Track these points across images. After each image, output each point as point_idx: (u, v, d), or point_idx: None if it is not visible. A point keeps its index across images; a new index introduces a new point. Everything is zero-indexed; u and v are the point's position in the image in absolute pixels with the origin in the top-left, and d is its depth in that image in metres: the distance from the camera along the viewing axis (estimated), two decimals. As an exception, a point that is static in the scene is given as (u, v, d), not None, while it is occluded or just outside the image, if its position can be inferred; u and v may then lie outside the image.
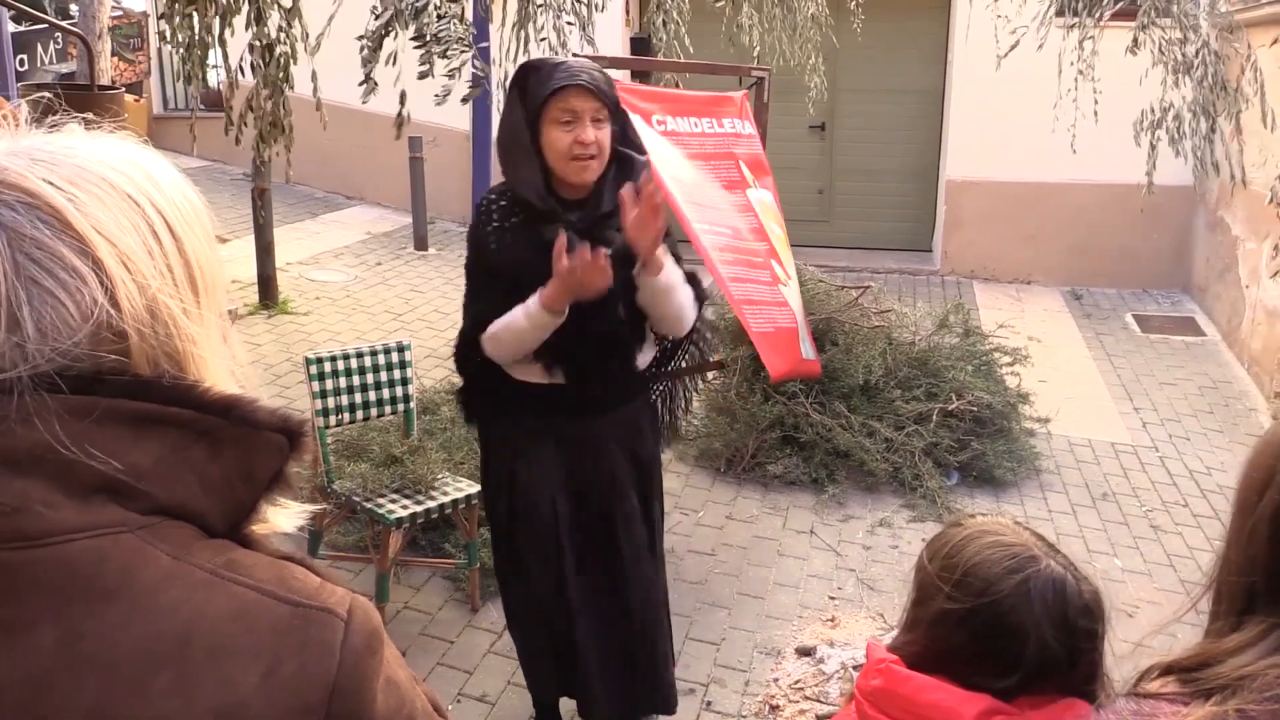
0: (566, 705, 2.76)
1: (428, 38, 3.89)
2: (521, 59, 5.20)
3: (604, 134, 2.27)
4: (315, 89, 4.31)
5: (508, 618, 2.73)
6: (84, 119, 0.77)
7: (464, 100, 4.31)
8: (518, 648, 2.71)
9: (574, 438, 2.45)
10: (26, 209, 0.67)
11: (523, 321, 2.26)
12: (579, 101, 2.22)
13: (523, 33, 5.18)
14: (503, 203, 2.38)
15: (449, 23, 3.93)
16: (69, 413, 0.66)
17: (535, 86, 2.26)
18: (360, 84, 3.94)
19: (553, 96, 2.22)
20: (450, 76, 3.93)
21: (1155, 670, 0.96)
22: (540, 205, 2.31)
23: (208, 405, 0.72)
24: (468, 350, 2.42)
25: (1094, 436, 5.42)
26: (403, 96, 3.99)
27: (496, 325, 2.31)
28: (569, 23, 5.28)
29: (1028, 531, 1.33)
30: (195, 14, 3.99)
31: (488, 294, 2.36)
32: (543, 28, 5.21)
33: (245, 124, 4.33)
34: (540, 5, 5.10)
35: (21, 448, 0.65)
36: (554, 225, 2.28)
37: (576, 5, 5.14)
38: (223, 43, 4.22)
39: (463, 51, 3.95)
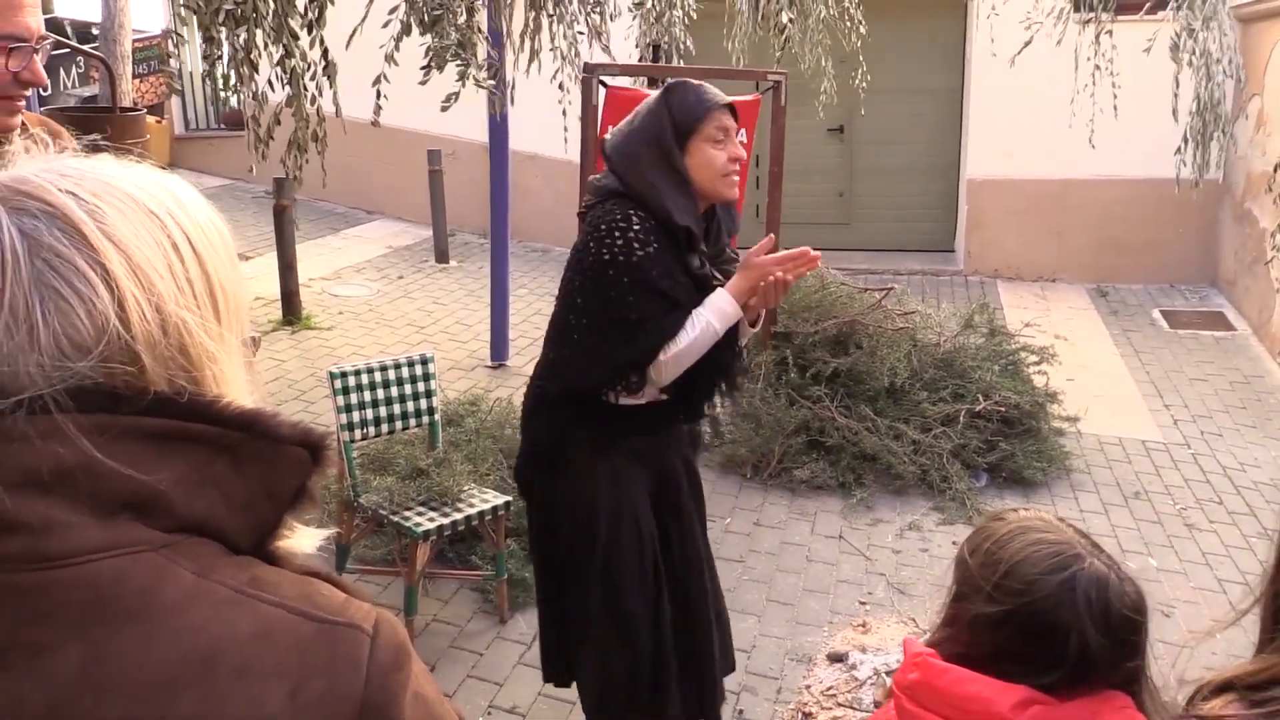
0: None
1: (440, 45, 3.91)
2: (533, 70, 5.21)
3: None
4: (335, 104, 4.33)
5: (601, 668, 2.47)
6: (113, 146, 0.78)
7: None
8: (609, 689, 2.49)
9: (653, 453, 2.46)
10: (46, 218, 0.68)
11: (716, 326, 2.27)
12: (729, 120, 2.29)
13: (532, 44, 5.19)
14: (649, 224, 2.26)
15: (453, 32, 3.95)
16: (88, 430, 0.66)
17: (691, 104, 2.28)
18: (375, 88, 3.96)
19: (709, 114, 2.27)
20: (460, 83, 3.95)
21: (1208, 688, 0.90)
22: (696, 231, 2.31)
23: (228, 420, 0.71)
24: (590, 391, 2.33)
25: (1124, 434, 5.36)
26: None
27: (677, 346, 2.25)
28: (580, 32, 5.28)
29: (1070, 528, 1.32)
30: (245, 31, 4.01)
31: (656, 320, 2.26)
32: (554, 38, 5.22)
33: (272, 137, 4.35)
34: (551, 15, 5.10)
35: (45, 466, 0.64)
36: (696, 253, 2.31)
37: (589, 14, 5.15)
38: (253, 63, 4.24)
39: (469, 60, 3.96)
